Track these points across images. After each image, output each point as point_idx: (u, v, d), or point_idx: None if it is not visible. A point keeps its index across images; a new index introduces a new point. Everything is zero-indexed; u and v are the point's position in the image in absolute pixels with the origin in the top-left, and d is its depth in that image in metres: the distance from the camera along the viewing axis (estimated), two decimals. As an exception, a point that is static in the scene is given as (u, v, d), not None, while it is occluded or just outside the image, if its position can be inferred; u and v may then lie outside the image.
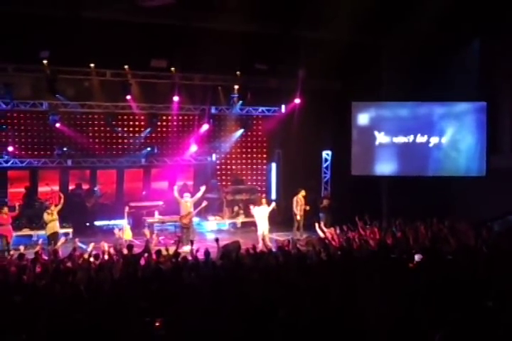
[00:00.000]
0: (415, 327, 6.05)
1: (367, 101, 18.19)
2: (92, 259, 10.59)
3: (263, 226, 15.38)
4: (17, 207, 14.97)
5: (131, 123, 19.65)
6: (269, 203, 16.03)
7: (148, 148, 19.13)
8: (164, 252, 10.78)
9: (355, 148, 18.08)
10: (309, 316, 6.41)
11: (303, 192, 16.58)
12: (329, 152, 18.84)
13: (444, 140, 17.53)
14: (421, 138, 17.62)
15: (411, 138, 17.68)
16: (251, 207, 16.16)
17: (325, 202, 17.28)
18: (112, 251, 11.43)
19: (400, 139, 17.76)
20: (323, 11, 14.74)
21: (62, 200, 14.86)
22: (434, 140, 17.59)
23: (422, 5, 14.71)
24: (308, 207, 16.63)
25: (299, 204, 16.53)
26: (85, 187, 19.16)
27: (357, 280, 8.02)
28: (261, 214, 15.53)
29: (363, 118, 18.24)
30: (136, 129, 19.56)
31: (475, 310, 6.45)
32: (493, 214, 14.58)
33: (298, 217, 16.51)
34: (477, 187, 16.55)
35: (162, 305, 7.02)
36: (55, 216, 14.47)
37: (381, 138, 17.83)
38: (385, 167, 18.09)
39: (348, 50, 15.76)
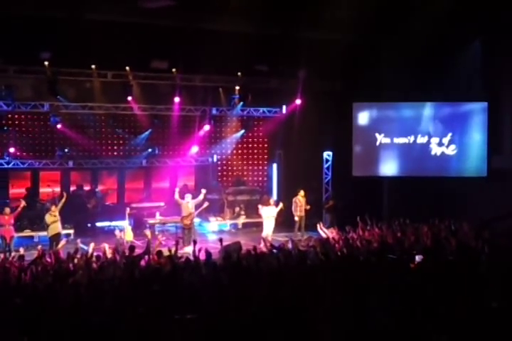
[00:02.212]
0: (418, 328, 6.04)
1: (368, 101, 18.17)
2: (93, 260, 10.59)
3: (269, 226, 15.55)
4: (20, 206, 14.94)
5: (132, 124, 19.65)
6: (276, 204, 16.15)
7: (150, 149, 19.16)
8: (165, 253, 10.76)
9: (356, 148, 18.09)
10: (309, 316, 6.41)
11: (301, 193, 16.62)
12: (330, 153, 18.82)
13: (445, 140, 17.49)
14: (422, 139, 17.60)
15: (412, 138, 17.67)
16: (259, 206, 16.24)
17: (330, 202, 17.35)
18: (112, 252, 11.46)
19: (401, 140, 17.75)
20: (324, 12, 14.77)
21: (64, 199, 14.88)
22: (434, 140, 17.56)
23: (423, 6, 14.74)
24: (308, 207, 16.65)
25: (298, 205, 16.59)
26: (86, 188, 19.16)
27: (358, 281, 8.02)
28: (268, 214, 15.66)
29: (364, 119, 18.23)
30: (138, 130, 19.56)
31: (478, 311, 6.44)
32: (494, 214, 14.56)
33: (296, 218, 16.56)
34: (478, 187, 16.55)
35: (163, 306, 7.01)
36: (57, 217, 14.49)
37: (382, 138, 17.82)
38: (386, 168, 18.07)
39: (349, 50, 15.77)
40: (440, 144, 17.52)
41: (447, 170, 17.48)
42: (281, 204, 16.09)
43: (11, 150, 17.54)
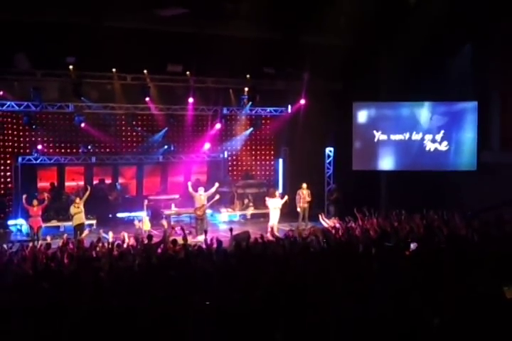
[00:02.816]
0: (412, 311, 6.01)
1: (366, 101, 18.12)
2: (114, 248, 10.61)
3: (275, 217, 15.56)
4: (46, 199, 15.10)
5: (149, 123, 19.64)
6: (282, 196, 16.13)
7: (166, 146, 19.18)
8: (180, 241, 10.78)
9: (356, 144, 18.05)
10: (311, 298, 6.39)
11: (304, 186, 16.61)
12: (332, 149, 18.75)
13: (438, 137, 17.43)
14: (416, 136, 17.56)
15: (407, 135, 17.63)
16: (266, 198, 16.27)
17: (334, 195, 17.30)
18: (132, 240, 11.49)
19: (397, 136, 17.71)
20: (326, 18, 14.70)
21: (87, 192, 14.93)
22: (428, 137, 17.51)
23: (418, 13, 14.65)
24: (309, 199, 16.61)
25: (301, 197, 16.57)
26: (108, 182, 19.20)
27: (356, 266, 8.00)
28: (274, 205, 15.67)
29: (362, 117, 18.19)
30: (155, 129, 19.56)
31: (467, 295, 6.41)
32: (483, 205, 14.50)
33: (298, 209, 16.54)
34: (469, 180, 16.49)
35: (177, 290, 7.01)
36: (81, 208, 14.55)
37: (379, 135, 17.79)
38: (384, 162, 18.02)
39: (349, 54, 15.71)
40: (433, 141, 17.45)
41: (440, 165, 17.39)
42: (286, 197, 16.10)
43: (39, 147, 17.64)
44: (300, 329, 5.72)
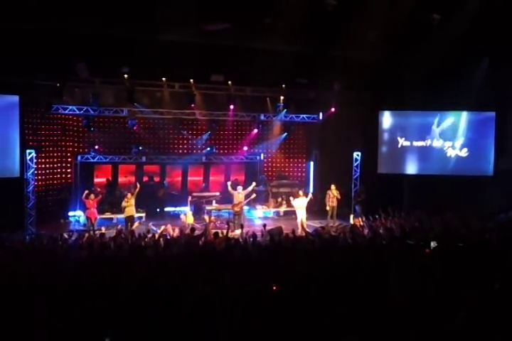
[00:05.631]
0: (432, 305, 5.91)
1: (391, 110, 17.95)
2: (160, 239, 10.73)
3: (301, 214, 15.46)
4: (100, 193, 15.42)
5: (194, 127, 19.82)
6: (306, 195, 16.03)
7: (208, 148, 19.31)
8: (220, 234, 10.84)
9: (381, 150, 17.92)
10: (337, 289, 6.35)
11: (333, 187, 16.53)
12: (359, 153, 18.51)
13: (457, 144, 17.20)
14: (437, 143, 17.34)
15: (428, 142, 17.43)
16: (291, 198, 16.24)
17: (362, 196, 17.16)
18: (176, 232, 11.61)
19: (419, 143, 17.51)
20: (355, 34, 14.57)
21: (137, 189, 15.11)
22: (448, 144, 17.27)
23: (441, 28, 14.41)
24: (339, 197, 16.47)
25: (330, 196, 16.49)
26: (156, 179, 19.43)
27: (380, 262, 7.91)
28: (299, 204, 15.57)
29: (388, 125, 18.02)
30: (199, 132, 19.73)
31: (485, 291, 6.28)
32: (499, 208, 14.19)
33: (327, 207, 16.45)
34: (486, 185, 16.18)
35: (217, 277, 7.04)
36: (132, 202, 14.74)
37: (403, 141, 17.61)
38: (407, 166, 17.82)
39: (376, 66, 15.54)
40: (453, 147, 17.22)
41: (459, 170, 17.07)
42: (310, 195, 16.00)
43: (96, 147, 17.98)
44: (327, 319, 5.68)
